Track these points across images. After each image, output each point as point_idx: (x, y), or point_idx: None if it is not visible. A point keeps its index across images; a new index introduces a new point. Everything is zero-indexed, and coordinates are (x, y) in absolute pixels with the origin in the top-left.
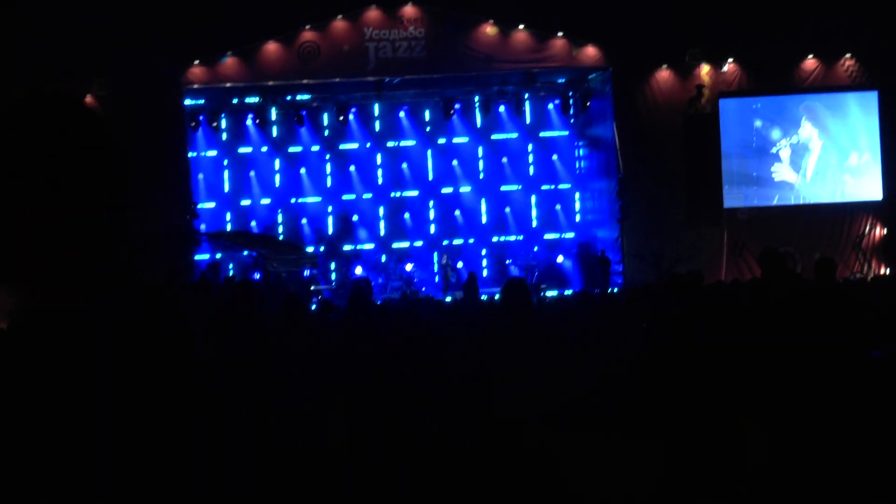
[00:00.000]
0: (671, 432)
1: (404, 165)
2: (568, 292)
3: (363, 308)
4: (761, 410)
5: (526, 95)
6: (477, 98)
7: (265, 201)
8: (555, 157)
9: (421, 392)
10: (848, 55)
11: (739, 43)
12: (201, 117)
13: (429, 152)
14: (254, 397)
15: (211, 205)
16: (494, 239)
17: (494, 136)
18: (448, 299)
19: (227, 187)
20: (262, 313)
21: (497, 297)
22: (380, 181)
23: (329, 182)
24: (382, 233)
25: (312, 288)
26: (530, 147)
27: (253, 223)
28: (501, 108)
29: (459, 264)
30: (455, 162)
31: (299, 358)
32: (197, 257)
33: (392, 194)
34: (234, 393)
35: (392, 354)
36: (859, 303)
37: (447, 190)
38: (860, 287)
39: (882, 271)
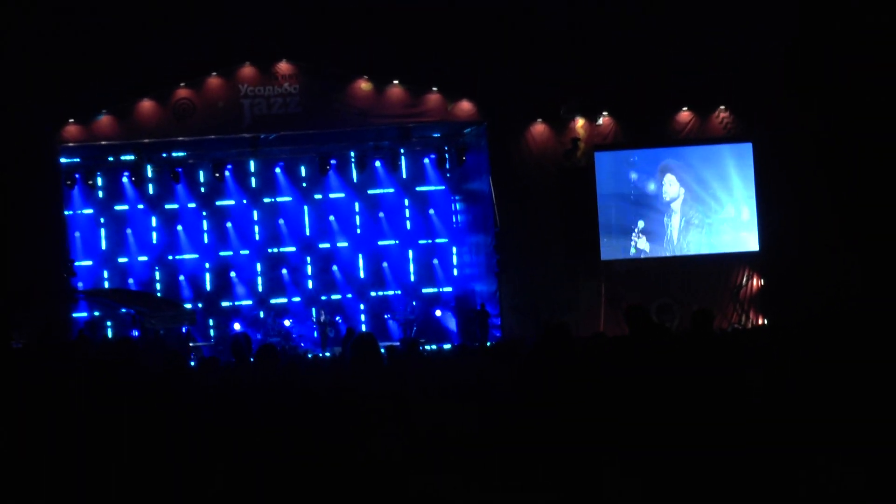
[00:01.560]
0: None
1: (281, 221)
2: (447, 346)
3: (243, 361)
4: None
5: (402, 150)
6: (353, 153)
7: (142, 258)
8: (431, 211)
9: (297, 434)
10: (722, 107)
11: (613, 96)
12: (77, 175)
13: (305, 208)
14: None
15: (88, 262)
16: (373, 293)
17: (371, 191)
18: (326, 354)
19: (103, 245)
20: (141, 368)
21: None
22: (257, 237)
23: (206, 238)
24: (260, 288)
25: (191, 344)
26: (407, 202)
27: (130, 280)
28: (377, 164)
29: (338, 319)
30: (332, 217)
31: (180, 406)
32: (74, 315)
33: (269, 250)
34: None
35: (269, 401)
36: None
37: (324, 245)
38: (738, 337)
39: (760, 322)
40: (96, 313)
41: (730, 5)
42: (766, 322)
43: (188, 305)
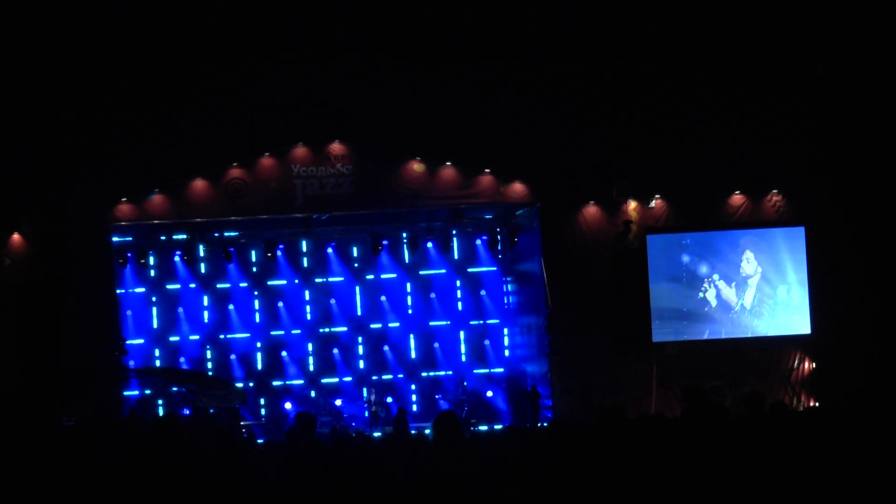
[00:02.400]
0: None
1: (333, 301)
2: (498, 427)
3: (308, 439)
4: None
5: (454, 231)
6: (405, 234)
7: (194, 337)
8: (483, 292)
9: None
10: (775, 191)
11: (666, 179)
12: (129, 254)
13: (357, 288)
14: None
15: (139, 341)
16: (424, 374)
17: (423, 272)
18: (377, 434)
19: (155, 323)
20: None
21: (428, 431)
22: (308, 317)
23: (258, 318)
24: (312, 368)
25: (241, 423)
26: (458, 282)
27: (182, 359)
28: (429, 244)
29: (389, 399)
30: (383, 297)
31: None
32: (126, 393)
33: (321, 330)
34: None
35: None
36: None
37: (376, 325)
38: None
39: (812, 404)
40: (147, 392)
41: (779, 89)
42: (817, 405)
43: (239, 384)
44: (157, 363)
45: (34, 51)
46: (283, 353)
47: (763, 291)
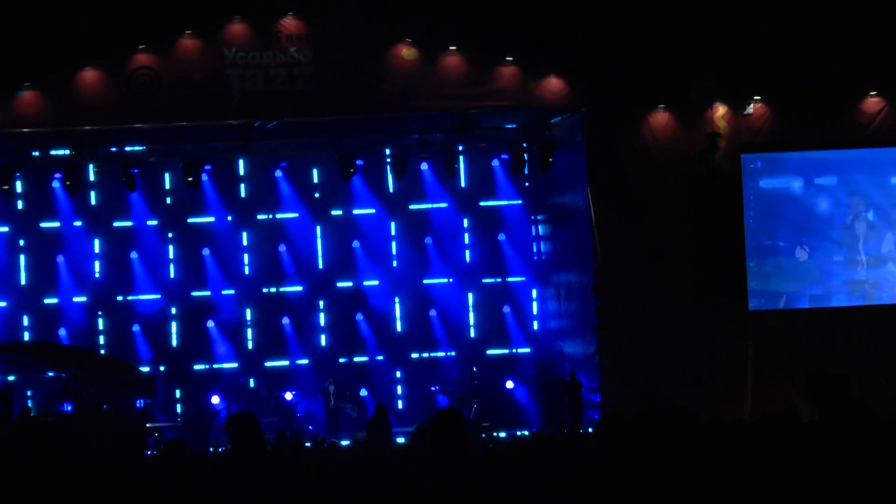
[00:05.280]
0: None
1: (282, 248)
2: (522, 433)
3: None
4: None
5: (459, 147)
6: (388, 151)
7: (79, 299)
8: (502, 236)
9: None
10: None
11: (768, 74)
12: None
13: (318, 229)
14: None
15: (0, 304)
16: (414, 355)
17: (413, 206)
18: (344, 443)
19: (23, 279)
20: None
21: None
22: (247, 270)
23: (172, 272)
24: (251, 346)
25: (149, 425)
26: (466, 222)
27: (62, 331)
28: (423, 166)
29: (363, 392)
30: (356, 243)
31: None
32: None
33: (265, 290)
34: None
35: None
36: None
37: (345, 284)
38: None
39: None
40: (10, 378)
41: None
42: None
43: (145, 369)
44: (26, 336)
45: None
46: (210, 324)
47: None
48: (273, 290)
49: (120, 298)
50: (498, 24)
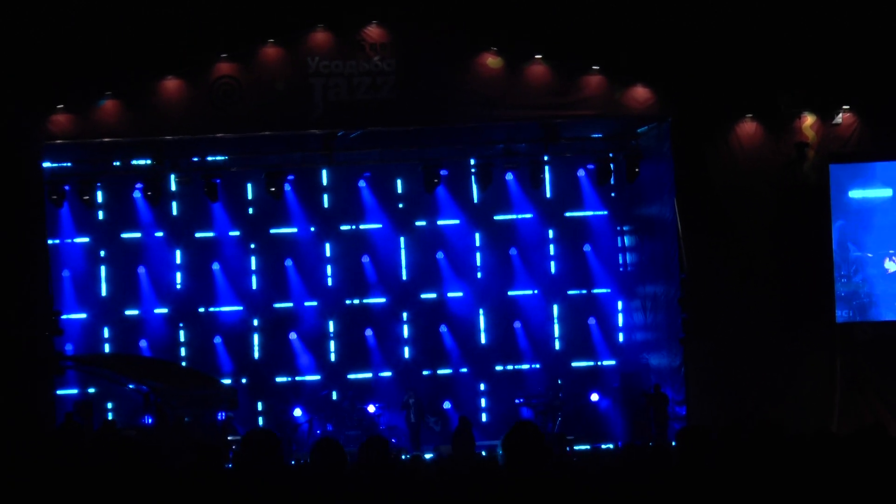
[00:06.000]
0: None
1: (365, 259)
2: (607, 446)
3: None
4: None
5: (545, 158)
6: (473, 161)
7: (160, 311)
8: (587, 247)
9: None
10: None
11: (858, 83)
12: (67, 187)
13: (402, 240)
14: None
15: (81, 315)
16: (498, 368)
17: (498, 217)
18: (428, 456)
19: (104, 290)
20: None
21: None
22: (329, 282)
23: (255, 283)
24: (333, 357)
25: (230, 438)
26: (551, 233)
27: (143, 343)
28: (508, 177)
29: (446, 405)
30: (440, 254)
31: None
32: (60, 392)
33: (347, 301)
34: None
35: None
36: None
37: (429, 295)
38: None
39: None
40: (91, 390)
41: None
42: None
43: (227, 381)
44: (107, 348)
45: None
46: (292, 336)
47: None
48: (356, 301)
49: (201, 310)
50: (583, 33)
